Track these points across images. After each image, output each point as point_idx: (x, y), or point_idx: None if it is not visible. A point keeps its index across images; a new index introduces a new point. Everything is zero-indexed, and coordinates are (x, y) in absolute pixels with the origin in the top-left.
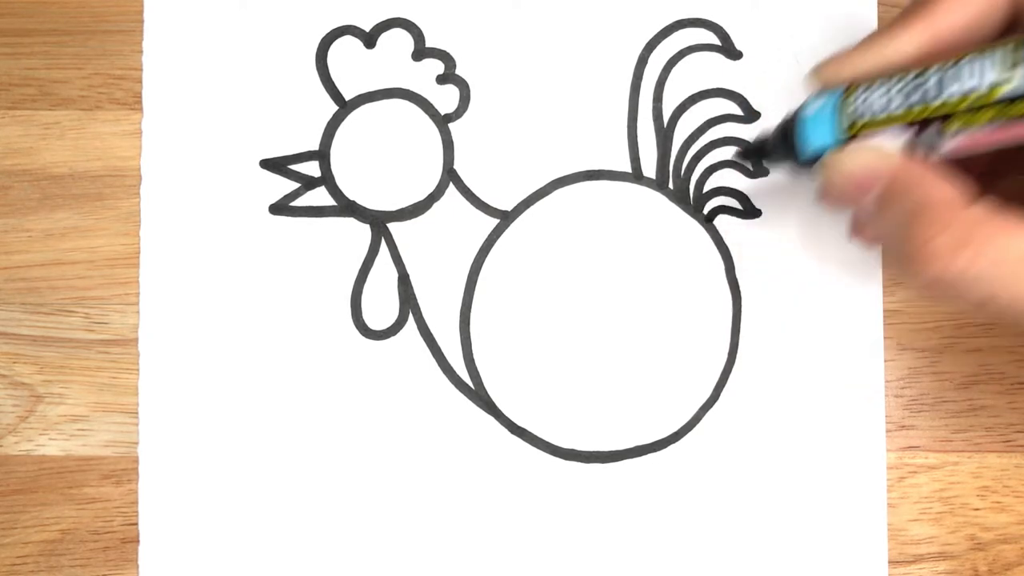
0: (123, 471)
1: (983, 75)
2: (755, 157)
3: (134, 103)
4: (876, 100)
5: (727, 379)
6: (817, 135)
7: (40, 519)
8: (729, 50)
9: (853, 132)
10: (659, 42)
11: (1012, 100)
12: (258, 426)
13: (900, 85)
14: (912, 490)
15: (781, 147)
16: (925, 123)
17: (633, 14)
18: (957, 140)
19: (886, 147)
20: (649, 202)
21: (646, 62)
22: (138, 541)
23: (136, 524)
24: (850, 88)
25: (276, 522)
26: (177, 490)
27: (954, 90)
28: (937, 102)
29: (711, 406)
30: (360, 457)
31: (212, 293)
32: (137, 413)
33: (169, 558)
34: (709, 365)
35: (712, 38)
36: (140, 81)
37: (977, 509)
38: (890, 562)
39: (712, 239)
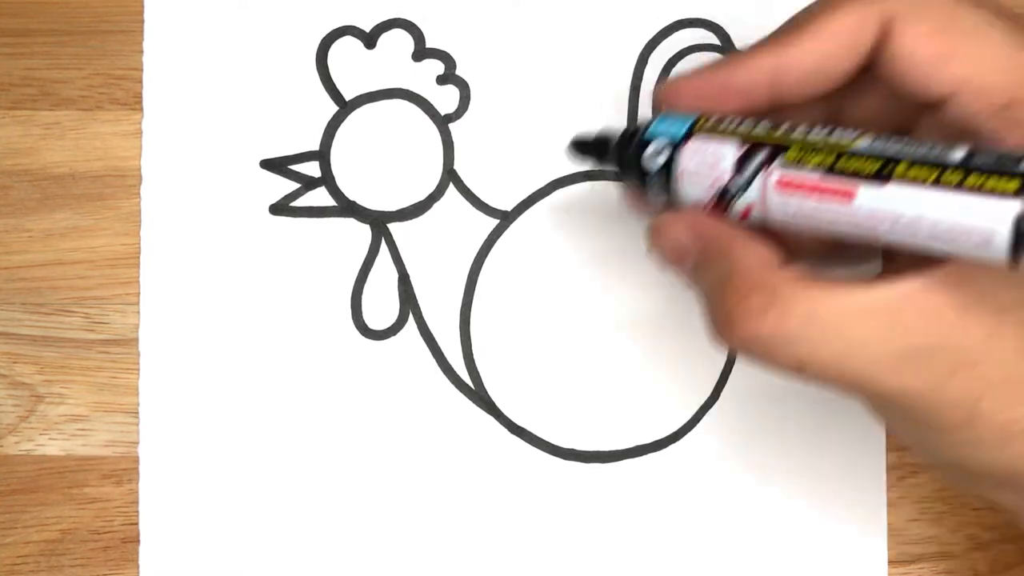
0: (123, 471)
1: (841, 133)
2: (590, 154)
3: (134, 103)
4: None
5: (727, 379)
6: (656, 159)
7: (40, 519)
8: (730, 50)
9: (695, 130)
10: (659, 42)
11: (852, 153)
12: (258, 426)
13: (750, 121)
14: (912, 489)
15: (621, 156)
16: (760, 145)
17: (633, 14)
18: (783, 172)
19: (698, 219)
20: None
21: (646, 62)
22: (138, 541)
23: (136, 524)
24: (700, 121)
25: (276, 522)
26: (177, 490)
27: (802, 128)
28: (780, 132)
29: (711, 406)
30: (360, 457)
31: (212, 293)
32: (137, 413)
33: (169, 558)
34: (709, 365)
35: (712, 38)
36: (140, 81)
37: (977, 509)
38: (890, 562)
39: None
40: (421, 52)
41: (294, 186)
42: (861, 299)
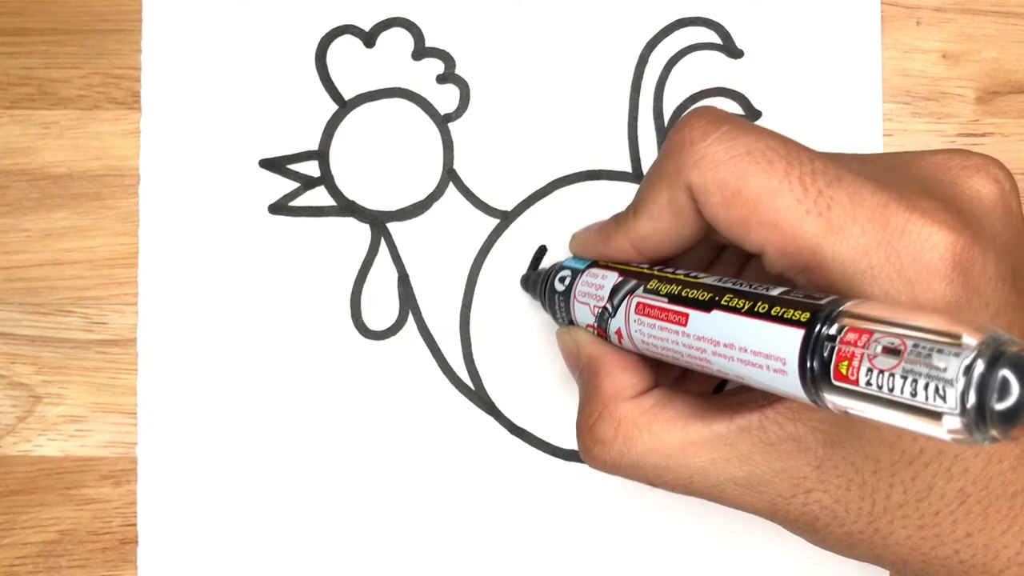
0: (122, 472)
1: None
2: (529, 286)
3: (133, 102)
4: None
5: (726, 381)
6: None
7: (39, 520)
8: (730, 49)
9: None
10: (660, 41)
11: (696, 286)
12: (257, 427)
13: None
14: None
15: (540, 283)
16: (633, 276)
17: (633, 14)
18: (641, 299)
19: (583, 337)
20: None
21: (646, 61)
22: (137, 542)
23: (135, 525)
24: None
25: (275, 522)
26: (176, 491)
27: (682, 271)
28: (656, 269)
29: None
30: (360, 458)
31: (211, 293)
32: (135, 414)
33: (168, 559)
34: None
35: (713, 37)
36: (139, 80)
37: None
38: None
39: None
40: (421, 51)
41: (293, 185)
42: (700, 432)
